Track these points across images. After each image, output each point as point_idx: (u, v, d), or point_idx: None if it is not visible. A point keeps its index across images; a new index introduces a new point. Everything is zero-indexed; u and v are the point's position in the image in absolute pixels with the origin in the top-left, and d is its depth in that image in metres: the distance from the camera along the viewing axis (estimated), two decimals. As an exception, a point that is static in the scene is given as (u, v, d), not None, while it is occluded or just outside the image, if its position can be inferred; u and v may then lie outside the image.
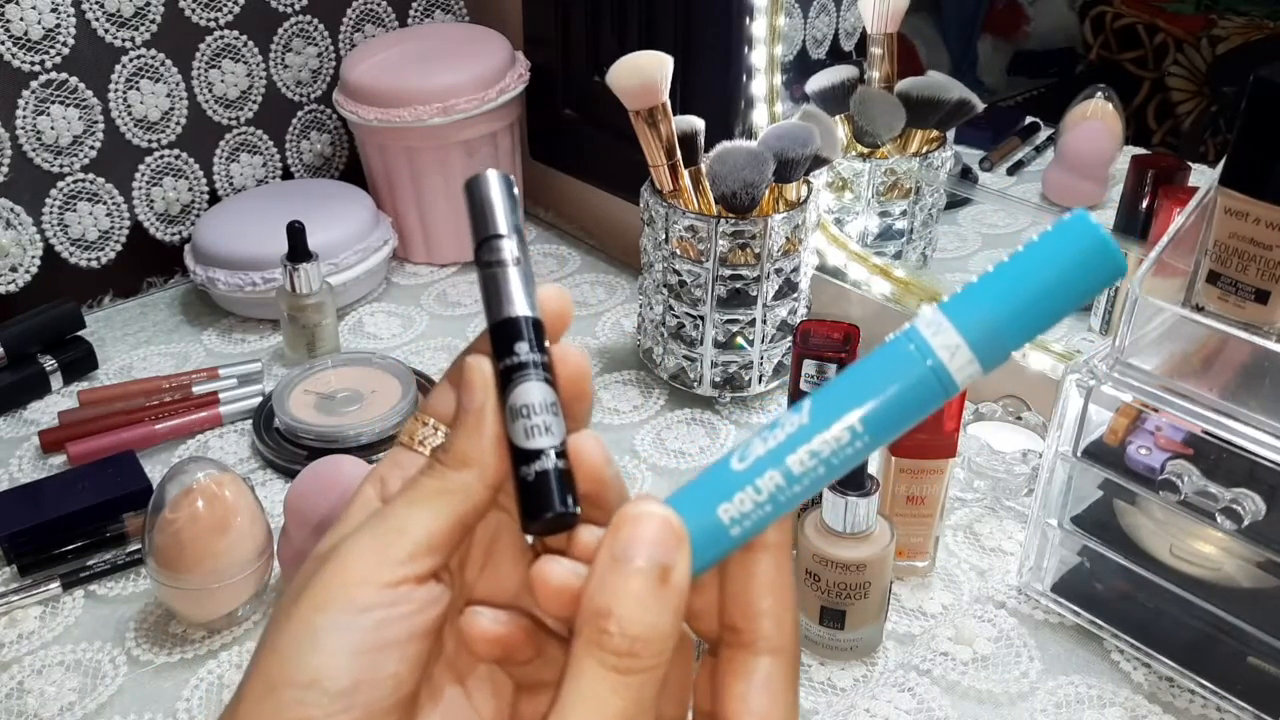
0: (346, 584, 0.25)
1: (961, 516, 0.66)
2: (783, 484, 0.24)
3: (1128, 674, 0.55)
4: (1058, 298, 0.23)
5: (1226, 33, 0.66)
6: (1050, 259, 0.23)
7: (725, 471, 0.24)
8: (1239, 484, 0.50)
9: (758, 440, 0.24)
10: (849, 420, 0.23)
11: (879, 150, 0.77)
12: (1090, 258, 0.22)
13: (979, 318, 0.23)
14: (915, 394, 0.23)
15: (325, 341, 0.81)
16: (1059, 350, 0.69)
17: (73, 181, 0.85)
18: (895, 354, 0.23)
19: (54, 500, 0.65)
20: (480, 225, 0.26)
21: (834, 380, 0.24)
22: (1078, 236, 0.22)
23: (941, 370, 0.23)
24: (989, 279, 0.23)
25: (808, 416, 0.23)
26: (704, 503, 0.24)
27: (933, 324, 0.23)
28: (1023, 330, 0.23)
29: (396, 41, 0.94)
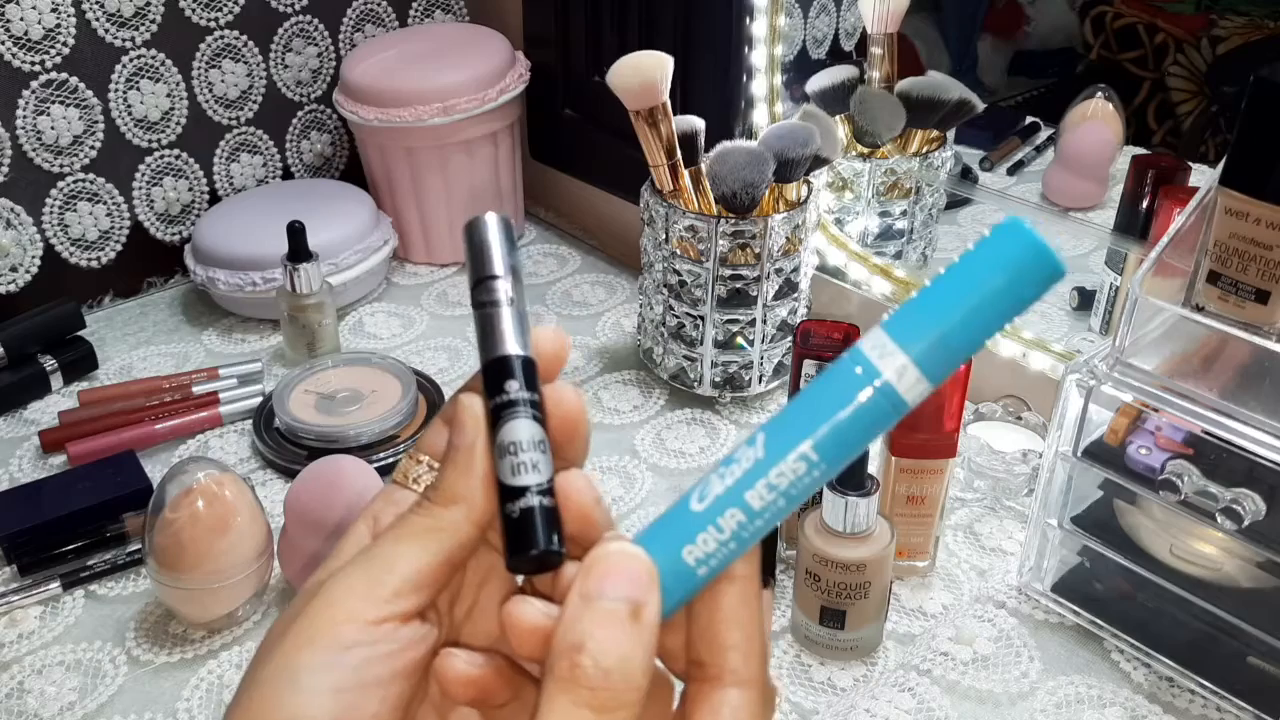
0: (332, 621, 0.25)
1: (962, 516, 0.66)
2: (744, 520, 0.24)
3: (1128, 674, 0.55)
4: (999, 306, 0.22)
5: (1227, 33, 0.66)
6: (989, 268, 0.22)
7: (685, 512, 0.24)
8: (1239, 484, 0.50)
9: (715, 478, 0.24)
10: (802, 449, 0.23)
11: (879, 150, 0.77)
12: (1028, 263, 0.22)
13: (923, 334, 0.23)
14: (867, 417, 0.23)
15: (325, 341, 0.81)
16: (1059, 350, 0.69)
17: (73, 181, 0.85)
18: (843, 378, 0.23)
19: (54, 500, 0.65)
20: (476, 266, 0.27)
21: (785, 409, 0.24)
22: (1014, 243, 0.22)
23: (890, 391, 0.23)
24: (929, 293, 0.23)
25: (762, 450, 0.23)
26: (668, 544, 0.24)
27: (878, 345, 0.23)
28: (968, 342, 0.23)
29: (397, 41, 0.94)
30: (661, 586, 0.24)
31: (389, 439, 0.71)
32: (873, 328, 0.23)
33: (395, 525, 0.26)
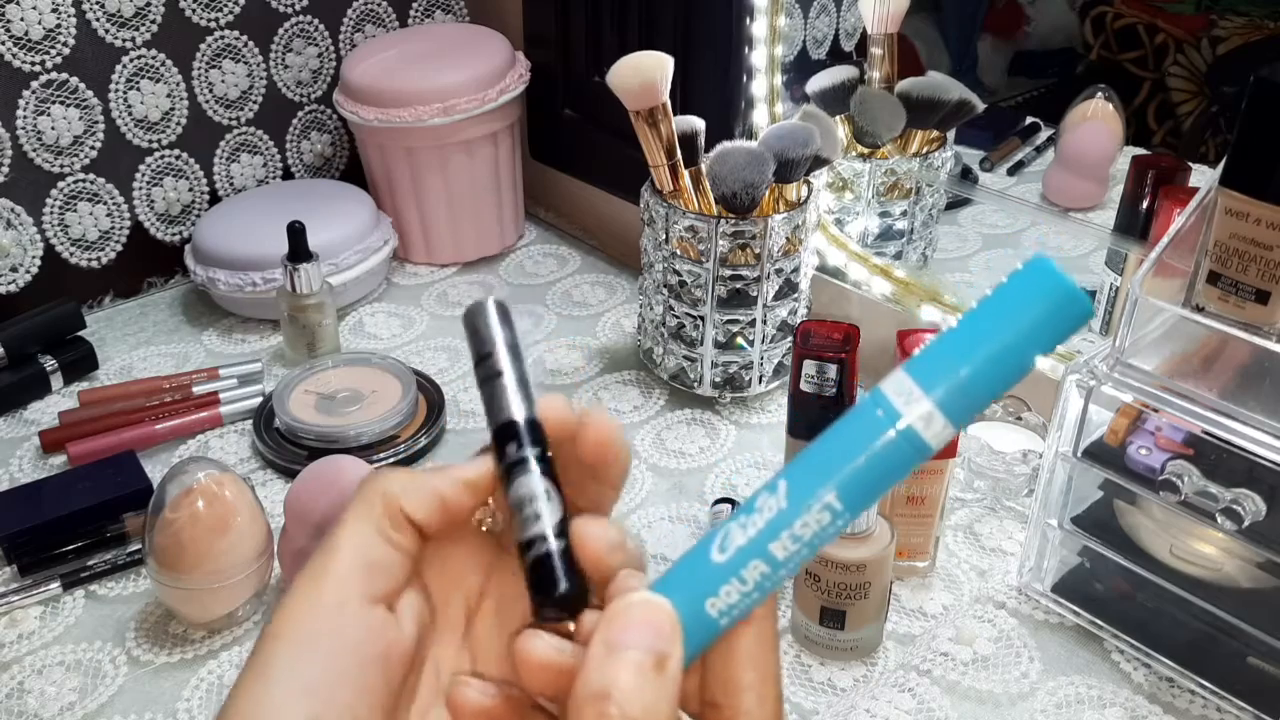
0: (293, 614, 0.25)
1: (962, 517, 0.66)
2: (768, 571, 0.23)
3: (1128, 674, 0.55)
4: (1025, 349, 0.22)
5: (1227, 33, 0.66)
6: (1015, 310, 0.22)
7: (706, 562, 0.24)
8: (1239, 484, 0.50)
9: (736, 528, 0.24)
10: (827, 499, 0.23)
11: (879, 150, 0.77)
12: (1057, 306, 0.22)
13: (947, 377, 0.22)
14: (890, 463, 0.23)
15: (325, 342, 0.81)
16: (1059, 350, 0.69)
17: (73, 182, 0.85)
18: (865, 422, 0.23)
19: (54, 500, 0.65)
20: (475, 346, 0.28)
21: (807, 453, 0.24)
22: (1041, 284, 0.22)
23: (914, 436, 0.23)
24: (954, 335, 0.22)
25: (785, 499, 0.23)
26: (690, 594, 0.24)
27: (901, 389, 0.23)
28: (992, 385, 0.22)
29: (397, 42, 0.94)
30: (683, 636, 0.24)
31: (389, 439, 0.71)
32: (896, 370, 0.23)
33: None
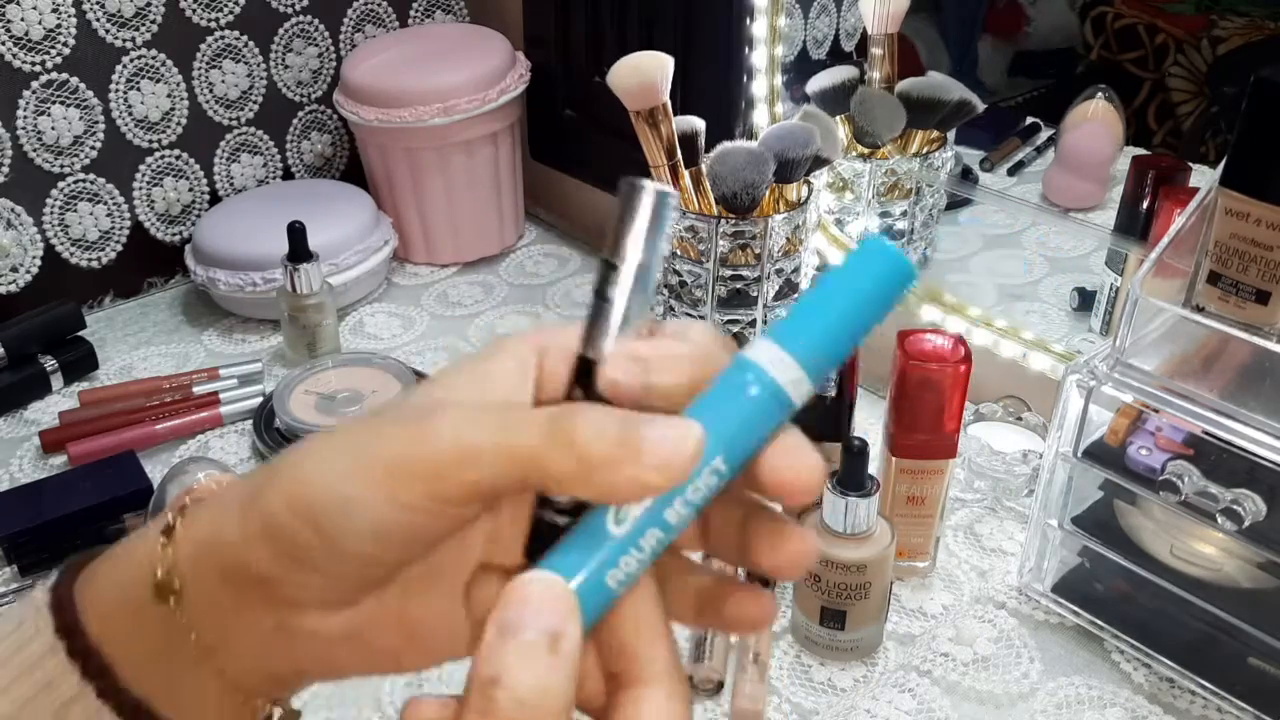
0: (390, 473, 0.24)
1: (962, 517, 0.66)
2: (662, 537, 0.24)
3: (1128, 675, 0.55)
4: (869, 309, 0.25)
5: (1227, 33, 0.66)
6: (855, 279, 0.25)
7: (604, 534, 0.24)
8: (1239, 484, 0.50)
9: None
10: (714, 464, 0.24)
11: (879, 151, 0.77)
12: (887, 270, 0.25)
13: (806, 340, 0.25)
14: (763, 424, 0.25)
15: (326, 342, 0.81)
16: (1059, 350, 0.69)
17: (73, 182, 0.85)
18: (737, 389, 0.24)
19: (54, 500, 0.65)
20: (609, 241, 0.26)
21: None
22: (874, 255, 0.25)
23: (783, 396, 0.24)
24: (806, 305, 0.25)
25: None
26: (589, 568, 0.24)
27: (764, 351, 0.24)
28: (844, 345, 0.25)
29: (397, 42, 0.94)
30: (581, 611, 0.23)
31: (389, 439, 0.71)
32: (759, 338, 0.25)
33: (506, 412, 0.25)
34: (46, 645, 0.26)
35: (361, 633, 0.26)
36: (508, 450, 0.24)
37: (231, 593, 0.26)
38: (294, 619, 0.26)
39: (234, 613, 0.26)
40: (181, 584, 0.26)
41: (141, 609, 0.26)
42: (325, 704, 0.54)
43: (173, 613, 0.26)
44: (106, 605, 0.27)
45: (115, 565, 0.28)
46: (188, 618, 0.26)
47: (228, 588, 0.26)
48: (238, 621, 0.26)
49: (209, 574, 0.26)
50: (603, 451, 0.23)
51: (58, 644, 0.26)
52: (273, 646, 0.26)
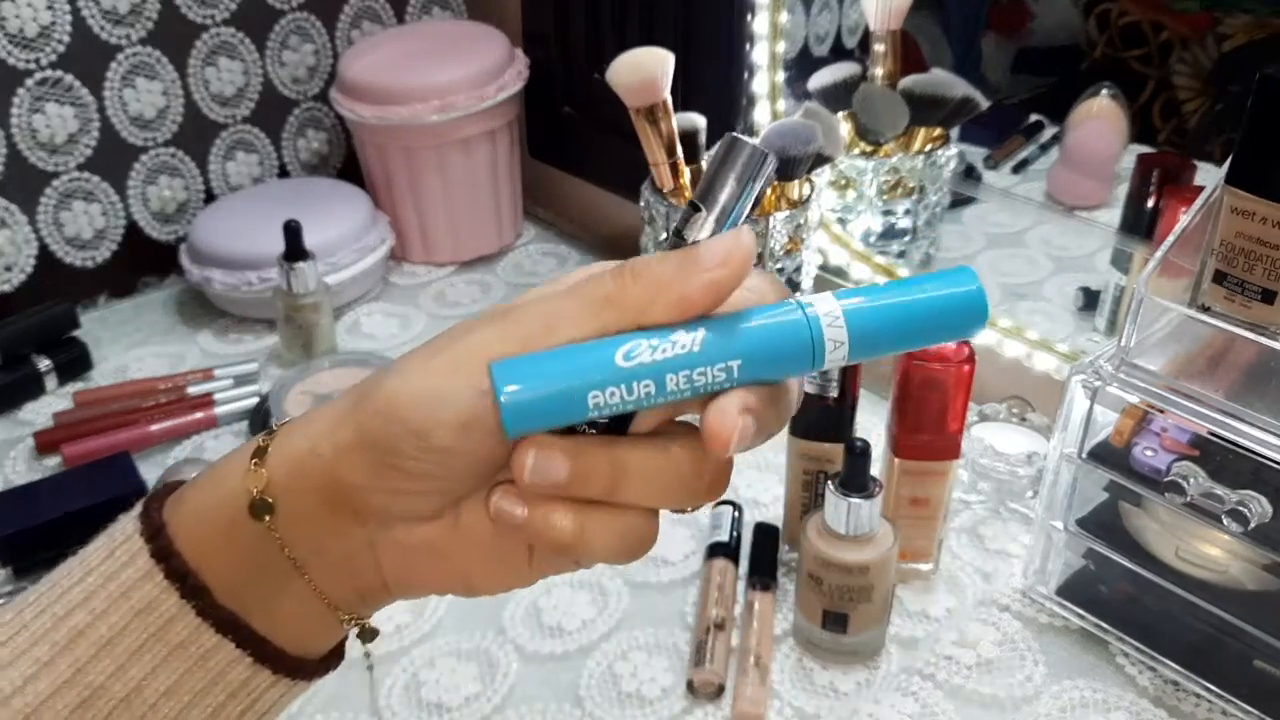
0: (485, 357, 0.26)
1: (965, 519, 0.65)
2: (652, 393, 0.26)
3: (1133, 678, 0.55)
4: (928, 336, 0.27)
5: (1232, 30, 0.66)
6: (940, 304, 0.26)
7: (608, 359, 0.25)
8: (1245, 486, 0.49)
9: (646, 345, 0.25)
10: (731, 363, 0.26)
11: (882, 148, 0.76)
12: (968, 307, 0.26)
13: (866, 323, 0.26)
14: (788, 364, 0.26)
15: (321, 341, 0.80)
16: (1064, 350, 0.68)
17: (68, 180, 0.84)
18: (784, 320, 0.26)
19: (49, 502, 0.65)
20: (703, 185, 0.26)
21: (734, 317, 0.26)
22: (970, 298, 0.26)
23: (819, 349, 0.26)
24: (886, 291, 0.26)
25: (699, 345, 0.26)
26: (580, 379, 0.25)
27: (829, 314, 0.26)
28: (889, 348, 0.27)
29: (394, 38, 0.93)
30: (550, 408, 0.25)
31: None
32: (830, 299, 0.26)
33: (584, 285, 0.27)
34: (142, 571, 0.28)
35: (443, 548, 0.28)
36: (585, 299, 0.26)
37: (325, 507, 0.27)
38: (381, 533, 0.28)
39: (326, 527, 0.28)
40: (276, 501, 0.27)
41: (235, 529, 0.28)
42: (323, 706, 0.54)
43: (266, 530, 0.28)
44: (198, 528, 0.28)
45: (204, 491, 0.29)
46: (282, 534, 0.28)
47: (321, 502, 0.27)
48: (329, 535, 0.28)
49: (303, 490, 0.27)
50: (670, 270, 0.25)
51: (154, 569, 0.28)
52: (361, 560, 0.28)
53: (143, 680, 0.28)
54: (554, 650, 0.57)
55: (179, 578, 0.28)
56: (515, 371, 0.25)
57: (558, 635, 0.58)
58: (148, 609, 0.27)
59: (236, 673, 0.28)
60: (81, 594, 0.28)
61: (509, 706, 0.54)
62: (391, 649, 0.57)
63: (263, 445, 0.28)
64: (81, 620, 0.28)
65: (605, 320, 0.26)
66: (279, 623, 0.29)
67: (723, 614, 0.57)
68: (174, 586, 0.27)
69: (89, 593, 0.28)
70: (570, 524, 0.27)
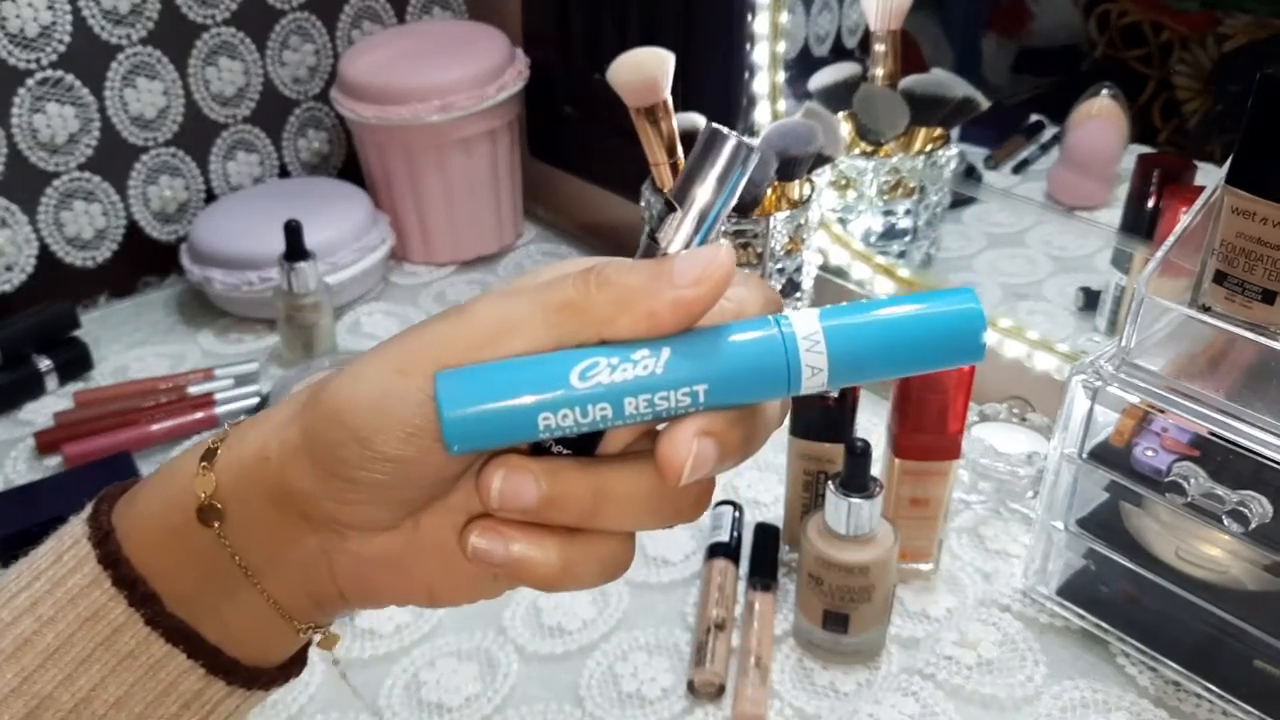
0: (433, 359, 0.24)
1: (966, 519, 0.65)
2: (609, 416, 0.24)
3: (1133, 678, 0.55)
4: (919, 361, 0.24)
5: (1232, 31, 0.65)
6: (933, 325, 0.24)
7: (562, 377, 0.23)
8: (1246, 486, 0.49)
9: (605, 365, 0.23)
10: (697, 388, 0.23)
11: (883, 148, 0.76)
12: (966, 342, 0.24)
13: (848, 347, 0.24)
14: (761, 388, 0.24)
15: (322, 341, 0.80)
16: (1064, 350, 0.68)
17: (68, 180, 0.84)
18: (766, 352, 0.24)
19: (49, 502, 0.65)
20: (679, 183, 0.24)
21: (702, 335, 0.24)
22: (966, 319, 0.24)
23: (796, 382, 0.24)
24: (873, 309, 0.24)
25: (662, 367, 0.23)
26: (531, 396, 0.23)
27: (809, 336, 0.24)
28: (876, 374, 0.24)
29: (394, 38, 0.93)
30: (497, 425, 0.23)
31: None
32: (811, 318, 0.24)
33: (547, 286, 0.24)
34: (89, 578, 0.27)
35: (401, 559, 0.26)
36: (544, 305, 0.24)
37: (274, 512, 0.26)
38: (335, 542, 0.26)
39: (277, 533, 0.26)
40: (225, 507, 0.26)
41: (184, 534, 0.26)
42: (323, 707, 0.54)
43: (216, 536, 0.26)
44: (147, 533, 0.27)
45: (153, 494, 0.28)
46: (231, 540, 0.26)
47: (271, 507, 0.26)
48: (281, 542, 0.26)
49: (252, 495, 0.26)
50: (638, 282, 0.23)
51: (101, 575, 0.26)
52: (315, 569, 0.27)
53: (91, 690, 0.26)
54: (554, 650, 0.57)
55: (127, 585, 0.26)
56: (461, 384, 0.23)
57: (558, 635, 0.58)
58: (95, 617, 0.26)
59: (189, 683, 0.27)
60: (28, 600, 0.27)
61: (509, 707, 0.54)
62: (392, 649, 0.57)
63: (212, 446, 0.27)
64: (28, 627, 0.26)
65: (565, 330, 0.24)
66: (232, 631, 0.28)
67: (723, 614, 0.57)
68: (122, 594, 0.26)
69: (36, 599, 0.27)
70: (554, 559, 0.25)
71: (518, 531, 0.25)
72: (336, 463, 0.24)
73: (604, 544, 0.26)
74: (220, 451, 0.27)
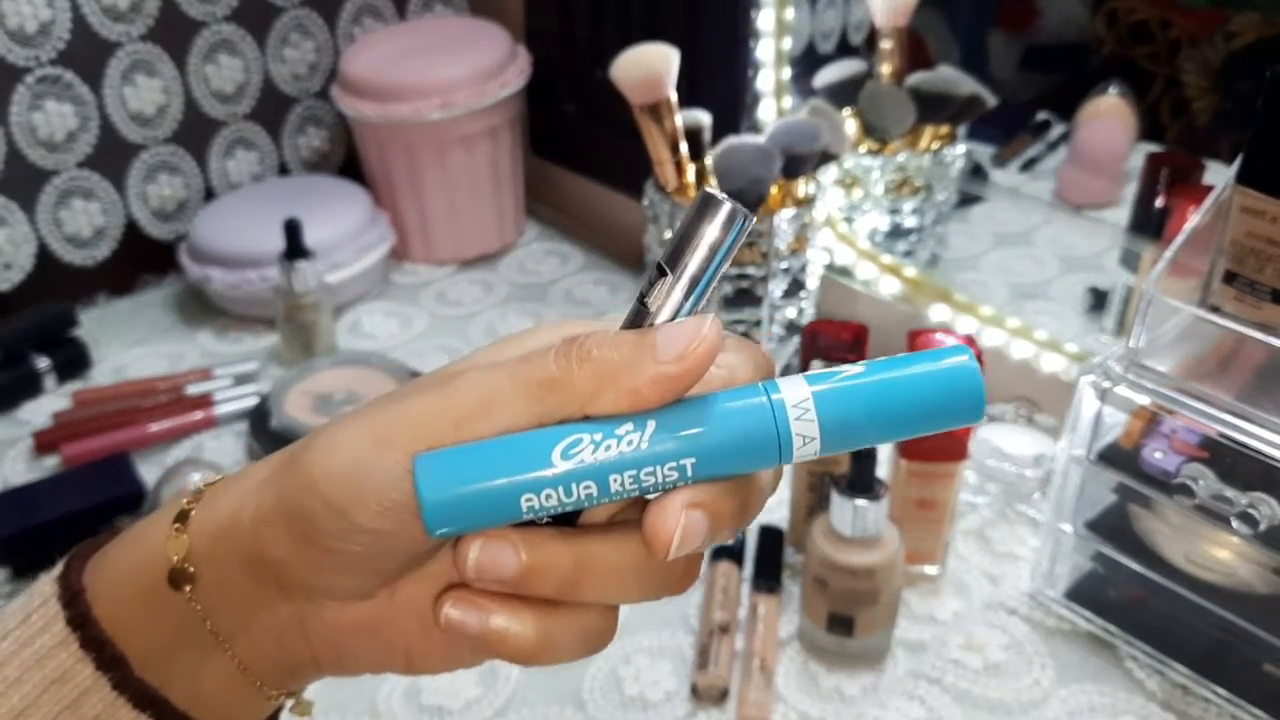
0: (412, 433, 0.23)
1: (972, 521, 0.64)
2: (594, 494, 0.23)
3: (1141, 682, 0.54)
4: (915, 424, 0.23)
5: (1240, 28, 0.65)
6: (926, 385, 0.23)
7: (543, 457, 0.23)
8: (1255, 488, 0.49)
9: (589, 442, 0.23)
10: (684, 462, 0.23)
11: (889, 146, 0.76)
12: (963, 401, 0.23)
13: (840, 412, 0.23)
14: (752, 459, 0.23)
15: (321, 341, 0.80)
16: (1072, 351, 0.68)
17: (67, 178, 0.84)
18: (755, 422, 0.23)
19: (48, 502, 0.64)
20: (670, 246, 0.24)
21: (688, 407, 0.23)
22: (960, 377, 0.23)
23: (788, 452, 0.23)
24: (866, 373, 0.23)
25: (647, 442, 0.23)
26: (513, 478, 0.23)
27: (799, 404, 0.23)
28: (870, 439, 0.23)
29: (395, 35, 0.92)
30: (481, 508, 0.23)
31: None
32: (802, 385, 0.23)
33: (526, 362, 0.24)
34: (57, 639, 0.26)
35: (378, 627, 0.26)
36: (525, 382, 0.23)
37: (248, 579, 0.25)
38: (310, 609, 0.26)
39: (250, 600, 0.26)
40: (197, 571, 0.26)
41: (155, 597, 0.26)
42: (325, 711, 0.53)
43: (188, 600, 0.26)
44: (117, 594, 0.26)
45: (125, 553, 0.27)
46: (203, 605, 0.26)
47: (244, 573, 0.25)
48: (254, 609, 0.26)
49: (225, 560, 0.25)
50: (620, 358, 0.23)
51: (69, 637, 0.26)
52: (288, 636, 0.26)
53: None
54: (557, 653, 0.56)
55: (95, 647, 0.26)
56: (441, 467, 0.23)
57: (560, 638, 0.57)
58: (62, 679, 0.26)
59: None
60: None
61: (510, 710, 0.53)
62: (393, 652, 0.56)
63: (186, 508, 0.26)
64: None
65: (548, 406, 0.23)
66: (202, 696, 0.27)
67: (727, 617, 0.56)
68: (89, 656, 0.26)
69: (2, 659, 0.26)
70: (532, 633, 0.24)
71: (495, 603, 0.24)
72: (312, 532, 0.24)
73: (585, 617, 0.25)
74: (194, 513, 0.26)
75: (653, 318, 0.24)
